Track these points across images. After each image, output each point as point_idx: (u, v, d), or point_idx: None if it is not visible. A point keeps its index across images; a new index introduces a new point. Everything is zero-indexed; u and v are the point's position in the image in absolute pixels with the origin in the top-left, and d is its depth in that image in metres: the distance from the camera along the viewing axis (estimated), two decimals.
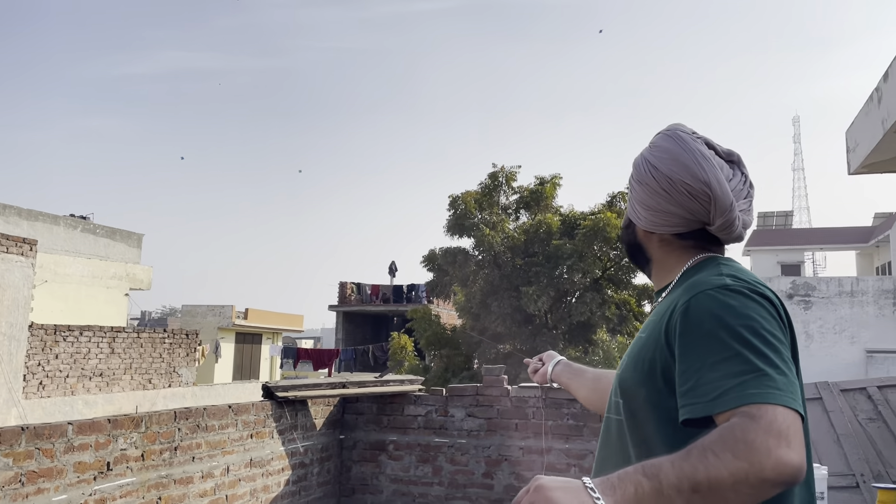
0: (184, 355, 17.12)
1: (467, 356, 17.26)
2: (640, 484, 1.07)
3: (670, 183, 1.35)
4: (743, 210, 1.37)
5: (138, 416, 4.43)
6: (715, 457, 1.04)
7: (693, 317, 1.21)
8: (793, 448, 1.04)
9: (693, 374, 1.15)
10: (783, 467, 1.02)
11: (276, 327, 31.04)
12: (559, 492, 1.08)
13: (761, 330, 1.16)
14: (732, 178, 1.37)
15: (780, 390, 1.09)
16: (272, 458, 5.66)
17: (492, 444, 6.31)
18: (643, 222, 1.44)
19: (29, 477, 3.67)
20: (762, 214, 37.94)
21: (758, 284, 1.26)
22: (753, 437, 1.04)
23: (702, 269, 1.35)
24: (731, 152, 1.42)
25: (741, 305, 1.19)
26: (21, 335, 11.79)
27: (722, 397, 1.10)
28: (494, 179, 17.29)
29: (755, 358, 1.12)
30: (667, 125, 1.46)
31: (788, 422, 1.06)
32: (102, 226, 23.30)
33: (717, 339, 1.15)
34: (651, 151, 1.41)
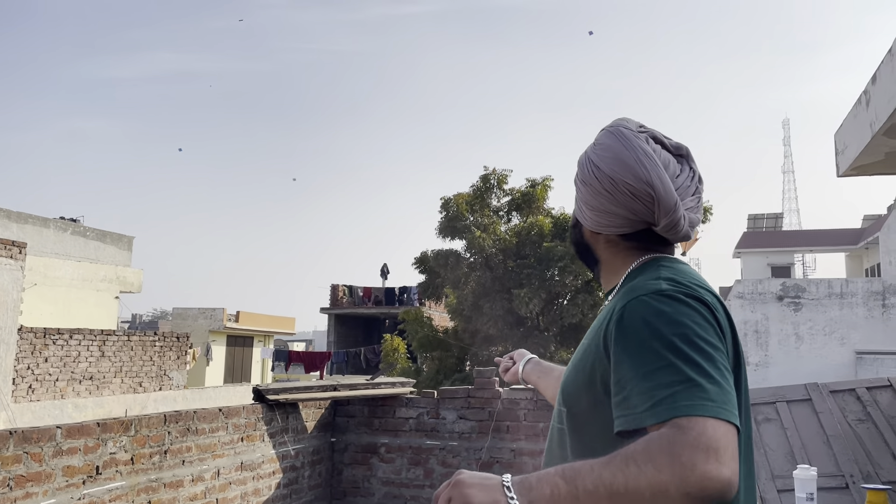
0: (174, 358, 17.05)
1: (459, 358, 17.27)
2: (556, 486, 1.05)
3: (612, 183, 1.30)
4: (690, 208, 1.32)
5: (128, 420, 4.41)
6: (636, 467, 1.01)
7: (626, 324, 1.17)
8: (722, 462, 1.00)
9: (626, 385, 1.12)
10: (708, 482, 0.98)
11: (268, 330, 30.94)
12: (476, 489, 1.08)
13: (694, 337, 1.12)
14: (680, 174, 1.33)
15: (713, 401, 1.05)
16: (263, 461, 5.64)
17: (483, 446, 6.31)
18: (589, 223, 1.40)
19: (17, 481, 3.65)
20: (752, 217, 38.10)
21: (696, 288, 1.21)
22: (679, 450, 1.00)
23: (643, 271, 1.31)
24: (679, 146, 1.37)
25: (674, 312, 1.15)
26: (10, 338, 11.71)
27: (652, 409, 1.07)
28: (486, 182, 17.32)
29: (687, 368, 1.08)
30: (612, 120, 1.39)
31: (719, 435, 1.02)
32: (93, 228, 23.18)
33: (649, 349, 1.12)
34: (594, 150, 1.36)
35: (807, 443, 4.74)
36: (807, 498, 2.95)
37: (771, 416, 4.97)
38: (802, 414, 4.95)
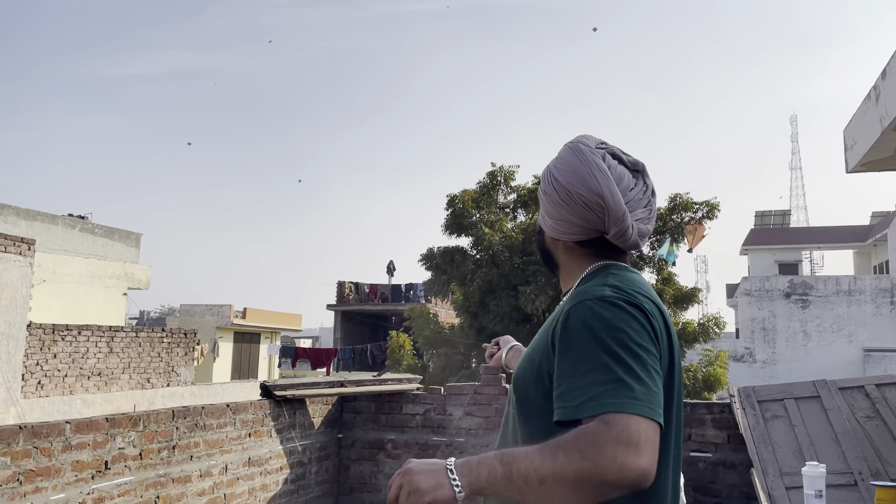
0: (182, 354, 17.12)
1: (465, 355, 17.27)
2: (493, 469, 1.18)
3: (568, 194, 1.43)
4: (640, 219, 1.45)
5: (136, 416, 4.43)
6: (564, 455, 1.14)
7: (570, 326, 1.29)
8: (641, 455, 1.12)
9: (565, 380, 1.24)
10: (626, 472, 1.11)
11: (275, 326, 31.02)
12: (423, 474, 1.21)
13: (628, 341, 1.23)
14: (634, 188, 1.45)
15: (639, 400, 1.17)
16: (270, 456, 5.66)
17: (490, 442, 6.31)
18: (549, 230, 1.53)
19: (27, 476, 3.67)
20: (759, 213, 37.96)
21: (636, 295, 1.33)
22: (602, 442, 1.13)
23: (593, 277, 1.44)
24: (636, 162, 1.49)
25: (613, 317, 1.26)
26: (19, 334, 11.78)
27: (585, 404, 1.18)
28: (493, 178, 17.29)
29: (619, 369, 1.20)
30: (574, 136, 1.53)
31: (640, 430, 1.14)
32: (101, 225, 23.27)
33: (588, 349, 1.23)
34: (555, 164, 1.50)
35: (815, 440, 4.73)
36: (815, 495, 2.95)
37: (779, 413, 4.96)
38: (811, 411, 4.93)
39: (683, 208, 16.40)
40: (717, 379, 15.81)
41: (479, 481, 1.19)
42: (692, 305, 16.82)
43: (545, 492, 1.15)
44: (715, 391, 15.67)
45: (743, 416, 5.08)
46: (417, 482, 1.20)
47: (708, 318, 16.73)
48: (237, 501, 5.25)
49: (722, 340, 22.40)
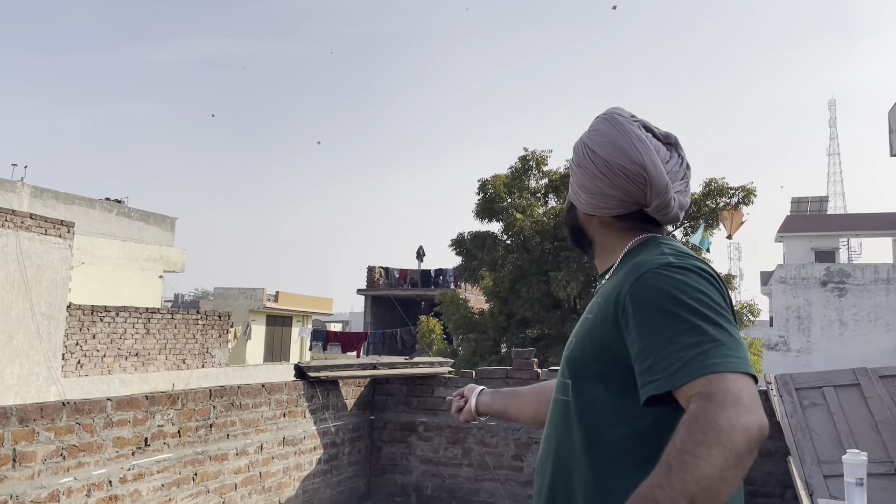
0: (216, 336, 17.39)
1: (496, 341, 17.27)
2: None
3: (608, 166, 1.37)
4: (679, 191, 1.40)
5: (175, 394, 4.51)
6: (693, 457, 1.05)
7: (644, 295, 1.22)
8: (750, 411, 1.06)
9: (651, 352, 1.16)
10: (749, 432, 1.05)
11: (306, 310, 31.34)
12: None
13: (711, 302, 1.18)
14: (669, 160, 1.40)
15: (738, 357, 1.12)
16: (304, 436, 5.73)
17: (521, 426, 6.32)
18: (584, 205, 1.47)
19: (70, 451, 3.77)
20: (796, 200, 37.22)
21: (699, 261, 1.29)
22: (714, 418, 1.05)
23: (643, 249, 1.37)
24: (668, 134, 1.44)
25: (689, 280, 1.21)
26: (60, 315, 12.07)
27: (683, 369, 1.11)
28: (524, 163, 17.18)
29: (710, 328, 1.14)
30: (606, 109, 1.46)
31: (739, 386, 1.08)
32: (137, 209, 23.68)
33: (671, 314, 1.17)
34: (590, 135, 1.43)
35: (854, 428, 4.65)
36: (856, 483, 2.90)
37: (818, 400, 4.88)
38: (850, 399, 4.85)
39: (718, 193, 16.14)
40: None
41: None
42: None
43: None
44: None
45: (780, 404, 5.01)
46: None
47: (742, 305, 16.50)
48: (272, 480, 5.34)
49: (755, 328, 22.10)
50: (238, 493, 4.98)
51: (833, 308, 27.72)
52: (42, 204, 20.00)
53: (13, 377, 11.16)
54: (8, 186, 19.45)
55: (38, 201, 20.07)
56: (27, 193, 19.95)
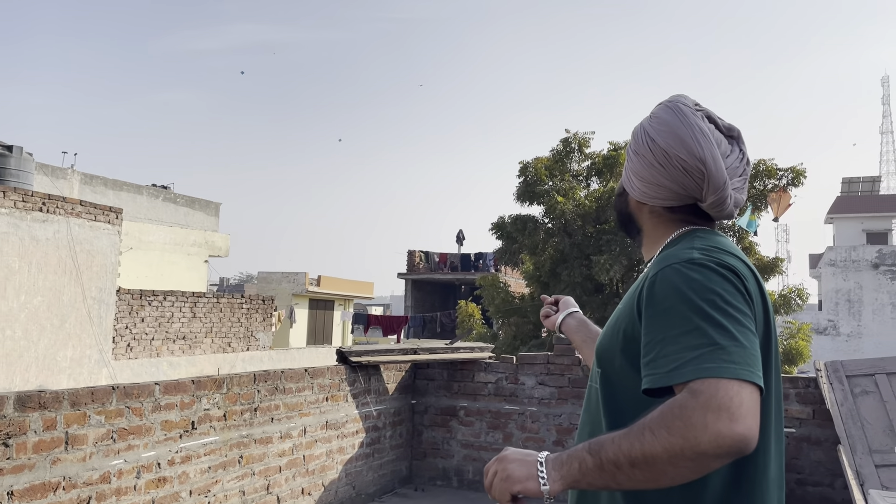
0: (260, 320, 17.68)
1: (536, 325, 17.19)
2: (584, 460, 1.17)
3: (666, 157, 1.34)
4: (736, 188, 1.37)
5: (220, 378, 4.59)
6: (651, 434, 1.09)
7: (658, 290, 1.22)
8: (737, 420, 1.06)
9: (654, 346, 1.18)
10: (722, 440, 1.05)
11: (348, 294, 31.64)
12: (516, 464, 1.23)
13: (722, 303, 1.17)
14: (730, 155, 1.36)
15: (736, 364, 1.10)
16: (347, 420, 5.79)
17: (563, 412, 6.29)
18: (636, 193, 1.44)
19: (120, 434, 3.87)
20: (847, 180, 36.09)
21: (727, 256, 1.26)
22: (690, 413, 1.07)
23: (678, 242, 1.36)
24: (731, 127, 1.40)
25: (704, 279, 1.20)
26: (109, 299, 12.39)
27: (678, 370, 1.13)
28: (566, 145, 16.97)
29: (714, 332, 1.14)
30: (669, 96, 1.42)
31: (732, 394, 1.07)
32: (182, 195, 24.13)
33: (679, 313, 1.18)
34: (650, 122, 1.40)
35: None
36: None
37: (869, 388, 4.74)
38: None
39: (767, 175, 15.74)
40: (798, 352, 15.27)
41: (570, 474, 1.18)
42: (773, 276, 16.23)
43: (640, 475, 1.11)
44: (797, 364, 15.15)
45: (830, 391, 4.88)
46: (511, 470, 1.23)
47: (790, 289, 16.12)
48: (315, 463, 5.42)
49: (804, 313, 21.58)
50: (282, 475, 5.07)
51: (885, 291, 26.91)
52: (91, 190, 20.51)
53: (66, 360, 11.52)
54: (59, 174, 19.99)
55: (88, 188, 20.59)
56: (77, 180, 20.48)
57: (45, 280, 11.19)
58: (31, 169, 13.13)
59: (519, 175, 16.97)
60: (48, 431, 3.48)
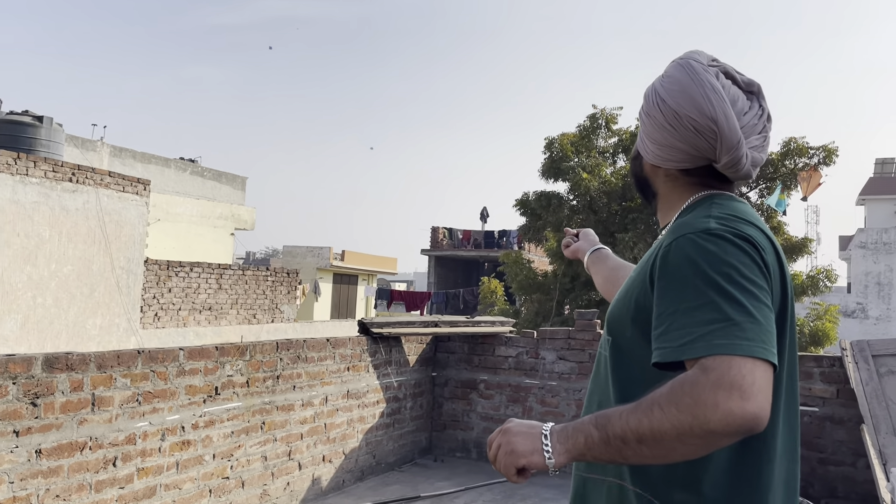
0: (285, 293, 17.86)
1: (559, 302, 17.15)
2: (589, 434, 1.16)
3: (676, 117, 1.30)
4: (754, 146, 1.31)
5: (243, 346, 4.66)
6: (660, 410, 1.08)
7: (671, 261, 1.19)
8: (748, 399, 1.04)
9: (666, 319, 1.16)
10: (732, 418, 1.03)
11: (371, 269, 31.80)
12: (520, 437, 1.22)
13: (737, 276, 1.14)
14: (749, 111, 1.31)
15: (749, 340, 1.08)
16: (368, 390, 5.85)
17: (583, 387, 6.29)
18: (650, 156, 1.40)
19: (145, 397, 3.95)
20: (880, 161, 35.28)
21: (745, 226, 1.22)
22: (700, 391, 1.05)
23: (696, 208, 1.32)
24: (751, 82, 1.34)
25: (720, 251, 1.16)
26: (138, 269, 12.59)
27: (690, 345, 1.11)
28: (593, 121, 16.77)
29: (728, 306, 1.11)
30: (684, 52, 1.36)
31: (745, 372, 1.05)
32: (209, 169, 24.32)
33: (692, 286, 1.14)
34: (661, 82, 1.35)
35: None
36: None
37: (895, 368, 4.67)
38: None
39: (797, 154, 15.43)
40: (825, 334, 15.06)
41: (576, 447, 1.17)
42: (801, 257, 15.98)
43: (647, 451, 1.11)
44: (822, 346, 14.96)
45: (855, 371, 4.82)
46: (515, 443, 1.22)
47: (818, 270, 15.87)
48: (336, 431, 5.49)
49: (832, 295, 21.27)
50: (304, 442, 5.14)
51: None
52: (120, 163, 20.76)
53: (95, 328, 11.76)
54: (89, 146, 20.25)
55: (117, 160, 20.84)
56: (106, 152, 20.73)
57: (74, 249, 11.40)
58: (62, 140, 13.32)
59: (544, 151, 16.83)
60: (75, 392, 3.57)
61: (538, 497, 5.53)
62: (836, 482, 5.33)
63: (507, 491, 5.67)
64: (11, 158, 10.53)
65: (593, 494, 1.36)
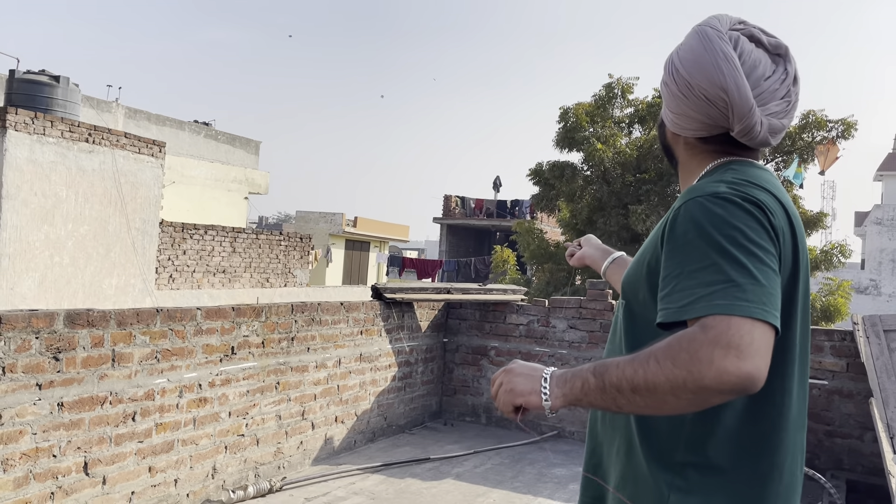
0: (298, 258, 17.97)
1: (570, 272, 17.17)
2: (587, 380, 1.19)
3: (689, 87, 1.31)
4: (773, 112, 1.30)
5: (259, 307, 4.72)
6: (656, 363, 1.10)
7: (679, 224, 1.21)
8: (744, 358, 1.06)
9: (671, 281, 1.18)
10: (726, 376, 1.05)
11: (384, 236, 31.89)
12: (521, 377, 1.26)
13: (742, 239, 1.15)
14: (771, 76, 1.30)
15: (750, 301, 1.10)
16: (380, 354, 5.93)
17: (593, 356, 6.34)
18: (670, 124, 1.42)
19: (163, 354, 4.03)
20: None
21: (756, 190, 1.23)
22: (697, 347, 1.07)
23: (712, 174, 1.33)
24: (778, 44, 1.33)
25: (726, 213, 1.18)
26: (153, 231, 12.70)
27: (691, 305, 1.13)
28: (609, 91, 16.60)
29: (731, 268, 1.12)
30: (706, 17, 1.37)
31: (743, 332, 1.07)
32: (223, 132, 24.33)
33: (697, 248, 1.16)
34: (678, 51, 1.36)
35: None
36: None
37: None
38: None
39: (816, 127, 15.25)
40: (837, 309, 15.03)
41: (573, 392, 1.21)
42: (816, 231, 15.89)
43: (640, 401, 1.13)
44: (834, 322, 14.94)
45: (866, 345, 4.84)
46: (516, 384, 1.26)
47: (832, 245, 15.78)
48: (349, 393, 5.58)
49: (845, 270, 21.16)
50: (317, 402, 5.24)
51: None
52: (136, 124, 20.80)
53: (111, 288, 11.91)
54: (104, 107, 20.28)
55: (132, 122, 20.88)
56: (122, 114, 20.76)
57: (91, 209, 11.50)
58: (78, 100, 13.34)
59: (559, 121, 16.71)
60: (96, 348, 3.65)
61: (546, 462, 5.63)
62: (842, 454, 5.38)
63: (515, 455, 5.76)
64: (29, 118, 10.58)
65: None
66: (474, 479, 5.10)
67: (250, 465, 4.67)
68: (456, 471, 5.28)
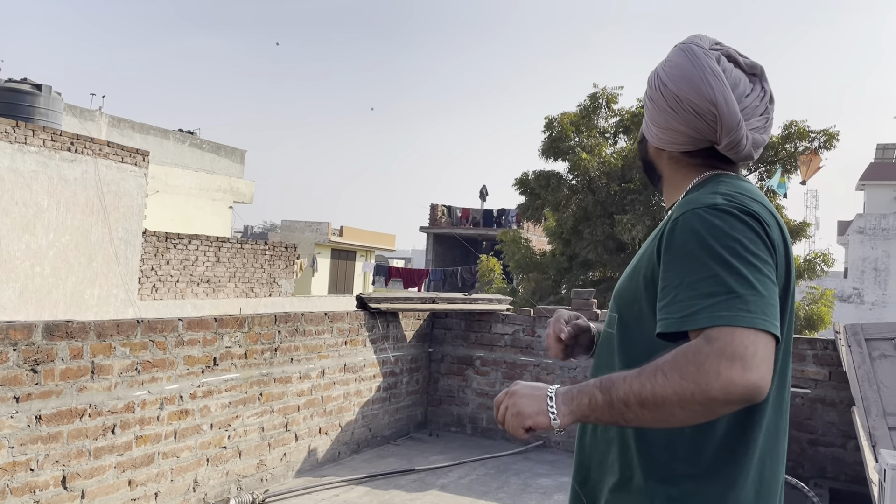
0: (283, 267, 17.87)
1: (556, 281, 17.20)
2: (594, 396, 1.19)
3: (677, 101, 1.33)
4: (755, 128, 1.34)
5: (242, 317, 4.68)
6: (663, 376, 1.11)
7: (678, 235, 1.22)
8: (749, 369, 1.07)
9: (671, 291, 1.19)
10: (733, 387, 1.07)
11: (370, 245, 31.83)
12: (526, 398, 1.25)
13: (742, 251, 1.16)
14: (750, 94, 1.34)
15: (751, 312, 1.11)
16: (364, 364, 5.89)
17: (578, 365, 6.34)
18: (654, 139, 1.44)
19: (144, 366, 3.98)
20: (881, 146, 35.22)
21: (751, 202, 1.25)
22: (703, 359, 1.09)
23: (702, 187, 1.35)
24: (754, 65, 1.37)
25: (726, 225, 1.19)
26: (136, 241, 12.59)
27: (693, 316, 1.14)
28: (594, 101, 16.70)
29: (732, 279, 1.14)
30: (687, 37, 1.41)
31: (747, 343, 1.09)
32: (208, 141, 24.21)
33: (697, 259, 1.17)
34: (664, 67, 1.38)
35: None
36: None
37: (888, 352, 4.71)
38: None
39: (798, 137, 15.42)
40: (820, 318, 15.16)
41: (580, 409, 1.21)
42: (799, 240, 16.04)
43: (648, 415, 1.14)
44: (817, 330, 15.06)
45: (848, 354, 4.87)
46: (522, 405, 1.25)
47: (815, 254, 15.92)
48: (333, 404, 5.54)
49: (828, 279, 21.33)
50: (301, 414, 5.19)
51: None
52: (119, 133, 20.66)
53: (93, 298, 11.78)
54: (87, 115, 20.13)
55: (116, 130, 20.74)
56: (105, 123, 20.62)
57: (73, 219, 11.39)
58: (60, 109, 13.24)
59: (544, 130, 16.78)
60: (75, 360, 3.59)
61: (531, 472, 5.61)
62: (825, 463, 5.40)
63: (500, 465, 5.74)
64: (10, 126, 10.47)
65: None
66: (459, 490, 5.07)
67: (232, 478, 4.61)
68: (441, 482, 5.25)
